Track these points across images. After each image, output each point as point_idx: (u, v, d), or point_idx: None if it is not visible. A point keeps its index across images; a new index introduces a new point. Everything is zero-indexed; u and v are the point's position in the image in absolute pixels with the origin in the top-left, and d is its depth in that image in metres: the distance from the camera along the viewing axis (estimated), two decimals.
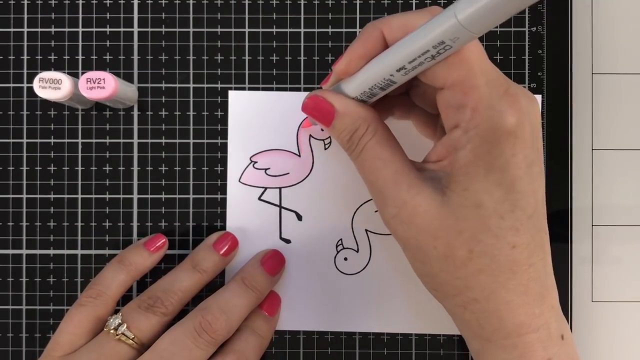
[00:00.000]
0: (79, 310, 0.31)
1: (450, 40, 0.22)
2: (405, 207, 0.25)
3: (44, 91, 0.31)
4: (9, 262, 0.35)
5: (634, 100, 0.36)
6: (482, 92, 0.23)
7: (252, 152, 0.35)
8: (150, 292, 0.31)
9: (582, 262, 0.36)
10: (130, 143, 0.35)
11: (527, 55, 0.35)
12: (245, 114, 0.35)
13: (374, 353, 0.35)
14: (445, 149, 0.25)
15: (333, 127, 0.27)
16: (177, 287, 0.31)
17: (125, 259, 0.33)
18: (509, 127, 0.23)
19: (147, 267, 0.33)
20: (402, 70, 0.24)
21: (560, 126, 0.35)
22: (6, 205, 0.35)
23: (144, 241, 0.34)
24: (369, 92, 0.26)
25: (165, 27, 0.36)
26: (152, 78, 0.35)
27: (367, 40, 0.25)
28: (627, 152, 0.36)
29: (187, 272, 0.32)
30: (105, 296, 0.31)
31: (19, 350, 0.35)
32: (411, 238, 0.25)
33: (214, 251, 0.33)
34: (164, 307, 0.31)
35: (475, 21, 0.20)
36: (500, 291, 0.24)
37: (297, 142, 0.35)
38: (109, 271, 0.32)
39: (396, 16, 0.25)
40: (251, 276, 0.32)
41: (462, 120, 0.24)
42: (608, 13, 0.36)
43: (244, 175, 0.35)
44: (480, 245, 0.24)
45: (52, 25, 0.36)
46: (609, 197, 0.36)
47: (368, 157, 0.26)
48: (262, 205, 0.35)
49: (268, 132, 0.35)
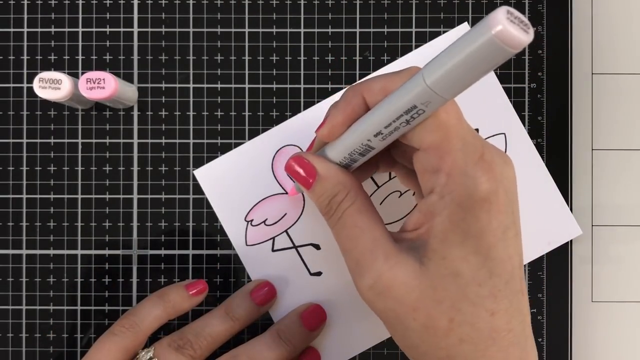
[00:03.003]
0: (110, 339, 0.31)
1: (422, 104, 0.21)
2: (381, 279, 0.24)
3: (44, 91, 0.31)
4: (9, 262, 0.35)
5: (634, 100, 0.36)
6: (457, 158, 0.23)
7: (244, 213, 0.35)
8: (182, 332, 0.31)
9: (582, 262, 0.36)
10: (130, 143, 0.35)
11: (527, 55, 0.35)
12: (219, 183, 0.35)
13: (374, 353, 0.35)
14: (422, 214, 0.25)
15: (313, 190, 0.27)
16: (207, 332, 0.31)
17: (165, 295, 0.32)
18: (482, 195, 0.23)
19: (184, 309, 0.33)
20: (379, 135, 0.24)
21: (560, 126, 0.35)
22: (6, 205, 0.35)
23: (186, 283, 0.33)
24: (349, 157, 0.26)
25: (165, 27, 0.36)
26: (152, 78, 0.35)
27: (348, 105, 0.25)
28: (627, 152, 0.36)
29: (220, 319, 0.32)
30: (138, 328, 0.31)
31: (19, 350, 0.35)
32: (389, 310, 0.25)
33: (250, 299, 0.33)
34: (193, 350, 0.31)
35: (443, 85, 0.20)
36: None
37: (278, 182, 0.35)
38: (147, 304, 0.32)
39: (376, 79, 0.25)
40: (287, 329, 0.32)
41: (437, 185, 0.24)
42: (608, 13, 0.36)
43: (248, 237, 0.35)
44: (460, 314, 0.24)
45: (52, 25, 0.36)
46: (609, 197, 0.36)
47: (346, 224, 0.26)
48: (279, 254, 0.35)
49: (248, 188, 0.35)
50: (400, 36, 0.35)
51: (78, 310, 0.35)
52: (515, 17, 0.18)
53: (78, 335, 0.35)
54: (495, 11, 0.18)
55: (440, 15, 0.35)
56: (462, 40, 0.19)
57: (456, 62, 0.19)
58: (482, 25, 0.18)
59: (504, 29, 0.17)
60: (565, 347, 0.35)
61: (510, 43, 0.18)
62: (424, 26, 0.35)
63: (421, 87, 0.20)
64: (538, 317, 0.35)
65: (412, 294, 0.24)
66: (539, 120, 0.35)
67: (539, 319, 0.35)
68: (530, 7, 0.35)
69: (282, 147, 0.35)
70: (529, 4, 0.35)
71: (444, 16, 0.35)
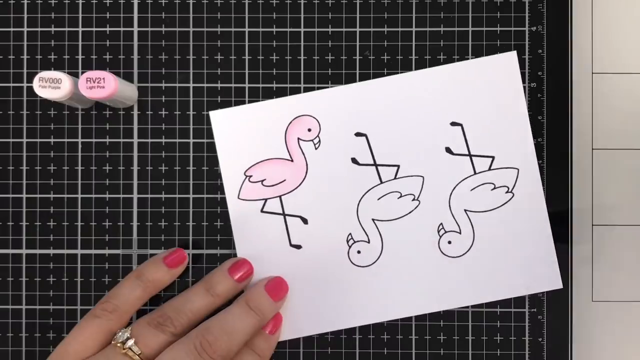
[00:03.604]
0: (92, 322, 0.31)
1: None
2: None
3: (43, 91, 0.31)
4: (8, 261, 0.35)
5: (634, 100, 0.36)
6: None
7: (245, 167, 0.35)
8: (162, 310, 0.32)
9: (582, 262, 0.36)
10: (130, 143, 0.35)
11: (527, 55, 0.35)
12: (230, 131, 0.35)
13: (374, 353, 0.35)
14: None
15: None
16: (188, 308, 0.32)
17: (143, 275, 0.33)
18: None
19: (164, 283, 0.33)
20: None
21: (560, 126, 0.35)
22: (6, 204, 0.35)
23: (162, 255, 0.34)
24: None
25: (165, 26, 0.36)
26: (152, 78, 0.35)
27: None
28: (627, 152, 0.36)
29: (200, 295, 0.32)
30: (120, 311, 0.32)
31: (19, 350, 0.35)
32: None
33: (229, 276, 0.33)
34: (173, 327, 0.31)
35: None
36: None
37: (287, 148, 0.35)
38: (126, 286, 0.32)
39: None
40: (256, 299, 0.33)
41: None
42: (608, 13, 0.36)
43: (242, 191, 0.35)
44: None
45: (52, 24, 0.36)
46: (609, 197, 0.36)
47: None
48: (266, 216, 0.35)
49: (256, 144, 0.35)
50: (401, 35, 0.35)
51: (78, 310, 0.35)
52: None
53: None
54: None
55: (440, 15, 0.35)
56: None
57: None
58: None
59: None
60: (565, 347, 0.35)
61: None
62: (424, 25, 0.35)
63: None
64: (538, 317, 0.35)
65: None
66: (539, 120, 0.35)
67: (539, 318, 0.35)
68: (530, 7, 0.35)
69: (302, 115, 0.35)
70: (529, 4, 0.35)
71: (444, 15, 0.35)
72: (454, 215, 0.35)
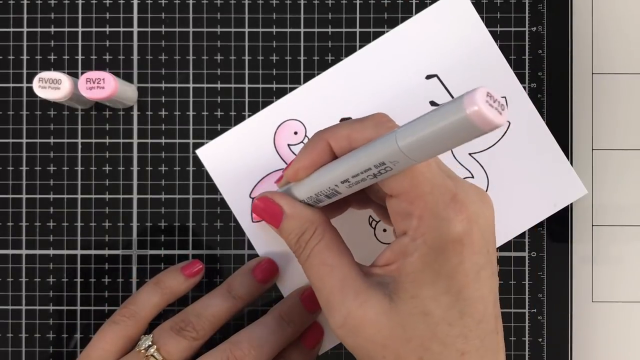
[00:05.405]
0: (111, 328, 0.31)
1: (391, 163, 0.22)
2: (351, 317, 0.24)
3: (43, 91, 0.31)
4: (8, 262, 0.35)
5: (634, 100, 0.36)
6: (427, 201, 0.23)
7: (249, 190, 0.35)
8: (183, 315, 0.31)
9: (582, 262, 0.36)
10: (130, 143, 0.35)
11: (527, 55, 0.35)
12: (222, 162, 0.35)
13: None
14: (394, 254, 0.25)
15: (281, 229, 0.27)
16: (209, 312, 0.31)
17: (161, 282, 0.32)
18: (455, 236, 0.23)
19: (181, 292, 0.33)
20: (346, 182, 0.24)
21: (560, 126, 0.35)
22: (6, 205, 0.35)
23: (181, 265, 0.33)
24: (315, 197, 0.27)
25: (165, 27, 0.36)
26: (151, 78, 0.35)
27: (314, 150, 0.26)
28: (627, 152, 0.36)
29: (222, 298, 0.32)
30: (138, 317, 0.31)
31: (19, 350, 0.35)
32: (360, 347, 0.25)
33: (252, 277, 0.33)
34: (195, 332, 0.30)
35: (415, 149, 0.21)
36: None
37: (281, 157, 0.35)
38: (144, 292, 0.32)
39: (341, 126, 0.26)
40: (289, 310, 0.32)
41: (409, 228, 0.24)
42: (608, 13, 0.36)
43: (254, 214, 0.35)
44: (429, 353, 0.24)
45: (51, 25, 0.36)
46: (609, 197, 0.36)
47: (315, 262, 0.26)
48: None
49: (251, 165, 0.35)
50: None
51: (78, 310, 0.35)
52: (493, 100, 0.18)
53: (78, 336, 0.35)
54: (474, 91, 0.18)
55: None
56: (439, 111, 0.19)
57: (429, 132, 0.20)
58: (460, 101, 0.18)
59: (479, 110, 0.18)
60: (565, 347, 0.35)
61: (482, 123, 0.18)
62: None
63: (393, 148, 0.21)
64: (538, 317, 0.35)
65: (382, 332, 0.24)
66: None
67: (539, 319, 0.35)
68: (530, 7, 0.35)
69: (284, 121, 0.35)
70: (529, 4, 0.35)
71: None
72: (461, 162, 0.35)
